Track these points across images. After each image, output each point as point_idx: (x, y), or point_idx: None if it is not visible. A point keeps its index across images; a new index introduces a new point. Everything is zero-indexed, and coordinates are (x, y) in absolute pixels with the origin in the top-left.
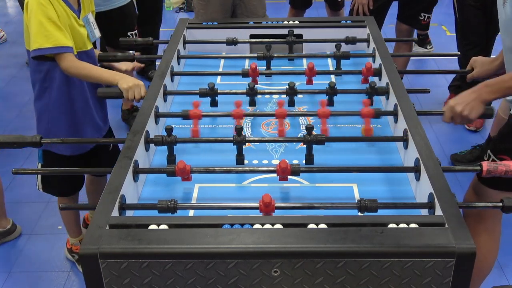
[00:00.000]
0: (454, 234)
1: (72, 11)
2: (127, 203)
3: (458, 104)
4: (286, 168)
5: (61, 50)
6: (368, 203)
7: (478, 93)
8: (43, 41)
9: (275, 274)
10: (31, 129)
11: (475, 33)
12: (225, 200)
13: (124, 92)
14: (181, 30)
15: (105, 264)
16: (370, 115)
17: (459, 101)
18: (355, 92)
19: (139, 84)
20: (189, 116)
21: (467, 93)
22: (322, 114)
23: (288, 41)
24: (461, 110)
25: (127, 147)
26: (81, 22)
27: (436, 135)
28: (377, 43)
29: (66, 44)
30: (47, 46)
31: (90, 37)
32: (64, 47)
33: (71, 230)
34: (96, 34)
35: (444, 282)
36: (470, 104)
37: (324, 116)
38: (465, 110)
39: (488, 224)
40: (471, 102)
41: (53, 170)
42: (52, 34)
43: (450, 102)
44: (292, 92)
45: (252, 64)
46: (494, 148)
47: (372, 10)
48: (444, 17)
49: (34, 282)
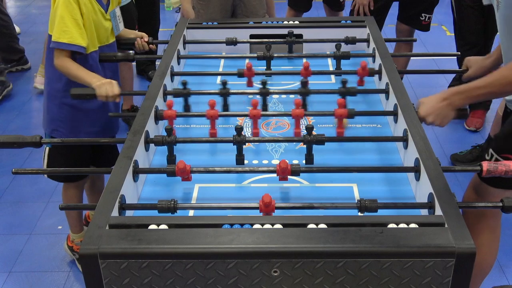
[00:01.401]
0: (454, 234)
1: (101, 6)
2: (127, 203)
3: (430, 115)
4: (286, 168)
5: (74, 48)
6: (368, 203)
7: (449, 101)
8: (61, 35)
9: (275, 274)
10: (31, 129)
11: (473, 33)
12: (225, 200)
13: (96, 89)
14: (181, 30)
15: (105, 264)
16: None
17: (430, 111)
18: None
19: (111, 82)
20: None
21: (436, 100)
22: (339, 114)
23: (288, 41)
24: (432, 121)
25: (127, 147)
26: (107, 16)
27: (436, 135)
28: (377, 43)
29: (80, 43)
30: (63, 41)
31: (115, 30)
32: (77, 45)
33: (73, 225)
34: (120, 27)
35: (444, 282)
36: (441, 114)
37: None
38: (437, 121)
39: (489, 223)
40: (442, 111)
41: (53, 170)
42: (70, 31)
43: (420, 111)
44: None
45: (247, 63)
46: (497, 147)
47: (372, 10)
48: (444, 17)
49: (34, 282)
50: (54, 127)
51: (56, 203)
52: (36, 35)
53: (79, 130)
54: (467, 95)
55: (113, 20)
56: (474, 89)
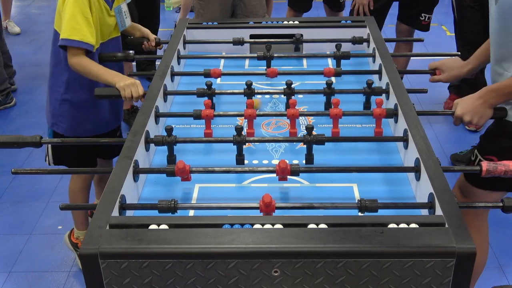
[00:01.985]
0: (454, 234)
1: (106, 2)
2: (127, 203)
3: (466, 113)
4: (286, 168)
5: (85, 46)
6: (368, 203)
7: (484, 99)
8: (72, 32)
9: (275, 274)
10: (31, 129)
11: (473, 33)
12: (225, 200)
13: (120, 90)
14: (181, 30)
15: (105, 264)
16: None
17: (466, 110)
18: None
19: (135, 83)
20: (201, 116)
21: (472, 99)
22: (334, 114)
23: (293, 41)
24: (470, 119)
25: (127, 147)
26: (112, 13)
27: (436, 135)
28: (377, 43)
29: (90, 41)
30: (74, 39)
31: (119, 26)
32: (88, 43)
33: (78, 221)
34: (127, 23)
35: (444, 282)
36: (478, 112)
37: (336, 116)
38: (474, 119)
39: (474, 223)
40: (478, 109)
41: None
42: (81, 29)
43: (457, 110)
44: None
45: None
46: (480, 149)
47: (372, 10)
48: (444, 17)
49: (34, 282)
50: (54, 121)
51: (56, 203)
52: (36, 35)
53: (79, 126)
54: (499, 92)
55: (118, 16)
56: (506, 87)
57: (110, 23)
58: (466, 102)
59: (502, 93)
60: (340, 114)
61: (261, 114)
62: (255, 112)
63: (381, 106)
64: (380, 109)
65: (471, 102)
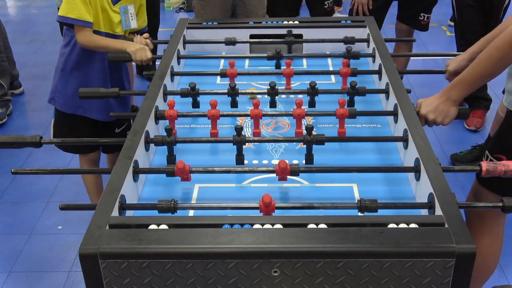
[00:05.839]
0: (454, 234)
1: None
2: (127, 203)
3: (430, 112)
4: (285, 168)
5: (80, 23)
6: (368, 203)
7: (447, 95)
8: (69, 10)
9: (275, 274)
10: (31, 129)
11: (474, 33)
12: (225, 200)
13: (132, 54)
14: (181, 30)
15: (105, 264)
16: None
17: (430, 109)
18: None
19: (144, 48)
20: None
21: (435, 97)
22: (340, 114)
23: (287, 41)
24: (433, 118)
25: (127, 147)
26: (115, 8)
27: (436, 135)
28: (377, 43)
29: (87, 19)
30: (70, 16)
31: (123, 25)
32: (85, 21)
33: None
34: (132, 25)
35: (444, 282)
36: (442, 111)
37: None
38: (438, 118)
39: (492, 227)
40: (442, 108)
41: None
42: (77, 7)
43: (421, 109)
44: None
45: (230, 61)
46: (491, 148)
47: (372, 10)
48: (444, 17)
49: (34, 282)
50: (52, 96)
51: (56, 203)
52: (36, 35)
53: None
54: (461, 85)
55: (123, 15)
56: (467, 76)
57: (111, 17)
58: (429, 100)
59: (465, 85)
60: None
61: (267, 114)
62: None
63: (343, 106)
64: (343, 109)
65: (434, 100)
